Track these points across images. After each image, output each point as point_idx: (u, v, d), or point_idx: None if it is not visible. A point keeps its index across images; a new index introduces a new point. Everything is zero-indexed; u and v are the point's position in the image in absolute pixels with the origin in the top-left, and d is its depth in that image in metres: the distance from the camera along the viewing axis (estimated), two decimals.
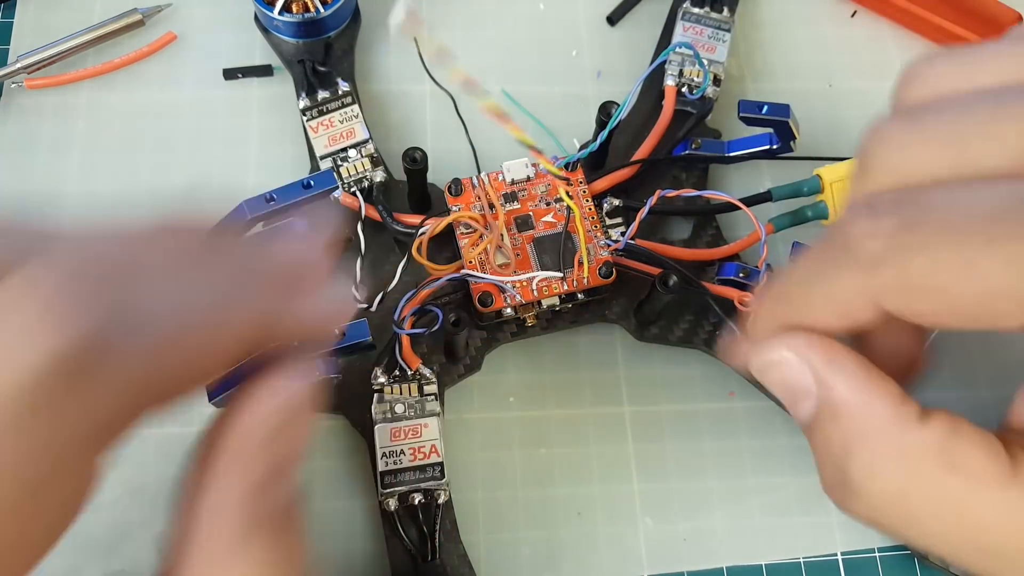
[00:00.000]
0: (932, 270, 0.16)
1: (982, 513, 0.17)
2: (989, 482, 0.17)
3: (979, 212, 0.16)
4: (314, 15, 0.35)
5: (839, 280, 0.17)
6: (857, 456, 0.18)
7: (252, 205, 0.28)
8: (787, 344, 0.19)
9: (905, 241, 0.16)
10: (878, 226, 0.16)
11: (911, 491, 0.18)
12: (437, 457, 0.29)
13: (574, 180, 0.32)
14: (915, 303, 0.16)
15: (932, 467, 0.17)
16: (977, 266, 0.15)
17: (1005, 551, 0.17)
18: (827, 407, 0.19)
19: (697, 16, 0.36)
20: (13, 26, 0.37)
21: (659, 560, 0.31)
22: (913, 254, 0.16)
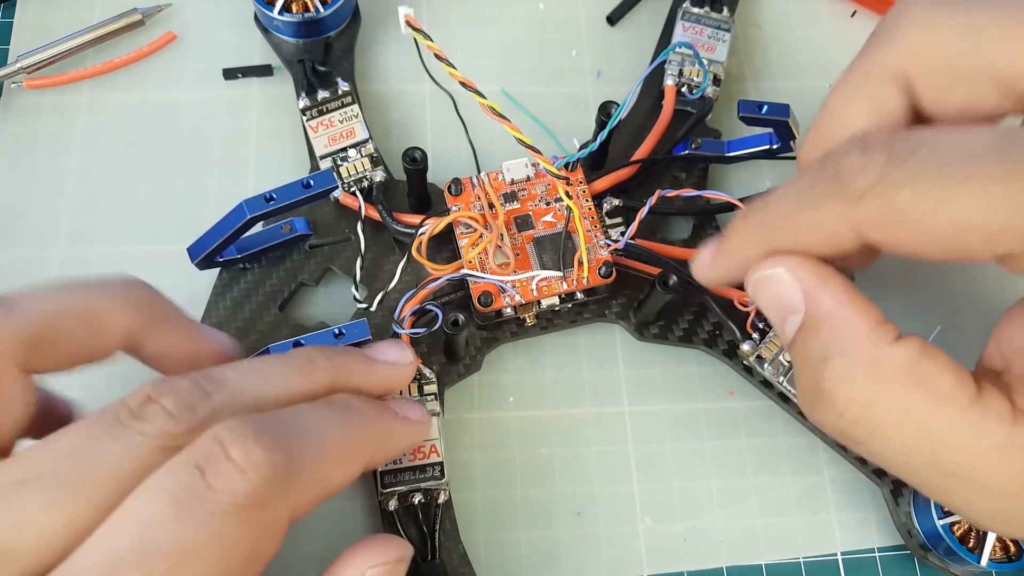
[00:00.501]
0: (912, 204, 0.17)
1: (941, 430, 0.18)
2: (952, 402, 0.18)
3: (959, 152, 0.17)
4: (314, 15, 0.35)
5: (827, 209, 0.19)
6: (831, 364, 0.19)
7: (252, 205, 0.28)
8: (781, 262, 0.20)
9: (891, 176, 0.17)
10: (868, 161, 0.18)
11: (878, 400, 0.19)
12: (437, 457, 0.29)
13: (574, 180, 0.32)
14: (895, 233, 0.18)
15: (900, 381, 0.19)
16: (952, 201, 0.17)
17: (957, 470, 0.18)
18: (811, 320, 0.20)
19: (697, 16, 0.36)
20: (13, 26, 0.37)
21: (659, 560, 0.31)
22: (897, 188, 0.17)
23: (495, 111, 0.26)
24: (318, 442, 0.20)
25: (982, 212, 0.16)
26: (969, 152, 0.17)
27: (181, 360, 0.24)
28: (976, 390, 0.19)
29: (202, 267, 0.31)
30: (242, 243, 0.32)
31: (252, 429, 0.19)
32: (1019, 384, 0.19)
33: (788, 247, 0.20)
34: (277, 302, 0.32)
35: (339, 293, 0.34)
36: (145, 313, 0.22)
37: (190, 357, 0.24)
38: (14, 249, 0.34)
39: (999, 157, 0.17)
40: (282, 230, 0.32)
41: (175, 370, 0.24)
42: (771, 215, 0.20)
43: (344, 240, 0.33)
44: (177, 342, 0.24)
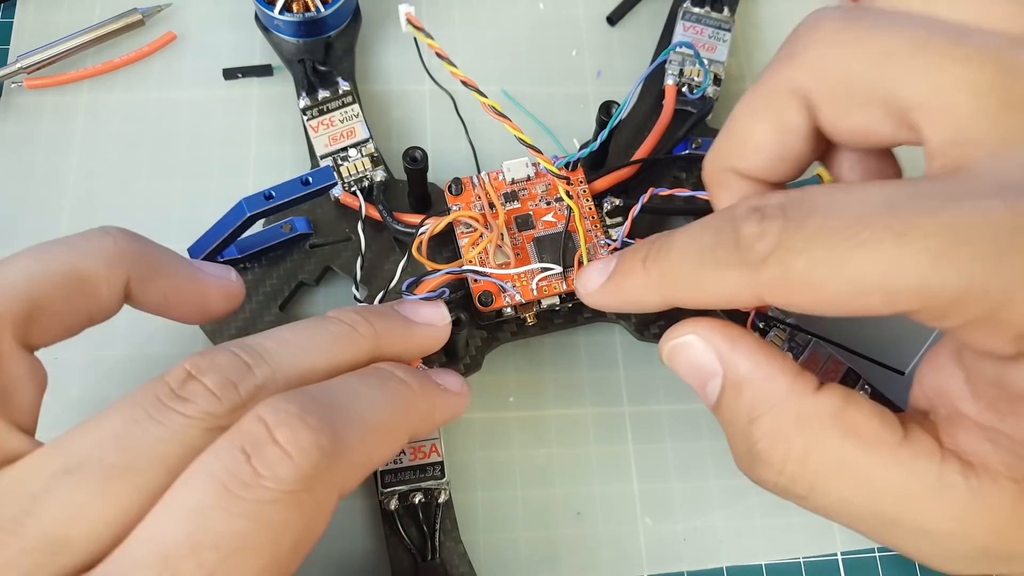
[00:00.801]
0: (809, 270, 0.17)
1: (876, 475, 0.19)
2: (882, 445, 0.19)
3: (850, 216, 0.17)
4: (314, 14, 0.35)
5: (727, 274, 0.19)
6: (760, 425, 0.20)
7: (251, 202, 0.28)
8: (691, 329, 0.21)
9: (787, 243, 0.18)
10: (765, 228, 0.18)
11: (812, 453, 0.19)
12: (437, 456, 0.29)
13: (574, 180, 0.32)
14: (796, 297, 0.18)
15: (829, 431, 0.19)
16: (846, 266, 0.17)
17: (897, 515, 0.19)
18: (731, 383, 0.20)
19: (697, 16, 0.36)
20: (13, 26, 0.37)
21: (659, 560, 0.31)
22: (794, 255, 0.18)
23: (496, 110, 0.26)
24: (364, 419, 0.20)
25: (875, 276, 0.17)
26: (859, 216, 0.17)
27: (186, 304, 0.24)
28: (903, 432, 0.19)
29: None
30: (242, 243, 0.32)
31: (297, 409, 0.18)
32: (944, 424, 0.19)
33: (686, 303, 0.21)
34: (278, 302, 0.32)
35: (339, 293, 0.34)
36: (138, 264, 0.22)
37: (195, 299, 0.24)
38: (14, 249, 0.33)
39: (885, 221, 0.17)
40: (282, 229, 0.32)
41: (182, 315, 0.24)
42: (672, 268, 0.21)
43: (344, 240, 0.33)
44: (178, 286, 0.23)
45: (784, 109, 0.21)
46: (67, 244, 0.21)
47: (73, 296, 0.20)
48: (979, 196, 0.17)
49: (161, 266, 0.22)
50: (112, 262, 0.21)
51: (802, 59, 0.20)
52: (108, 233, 0.22)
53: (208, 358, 0.19)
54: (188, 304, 0.24)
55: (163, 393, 0.18)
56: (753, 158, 0.22)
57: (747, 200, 0.19)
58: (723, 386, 0.21)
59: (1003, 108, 0.18)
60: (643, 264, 0.22)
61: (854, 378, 0.30)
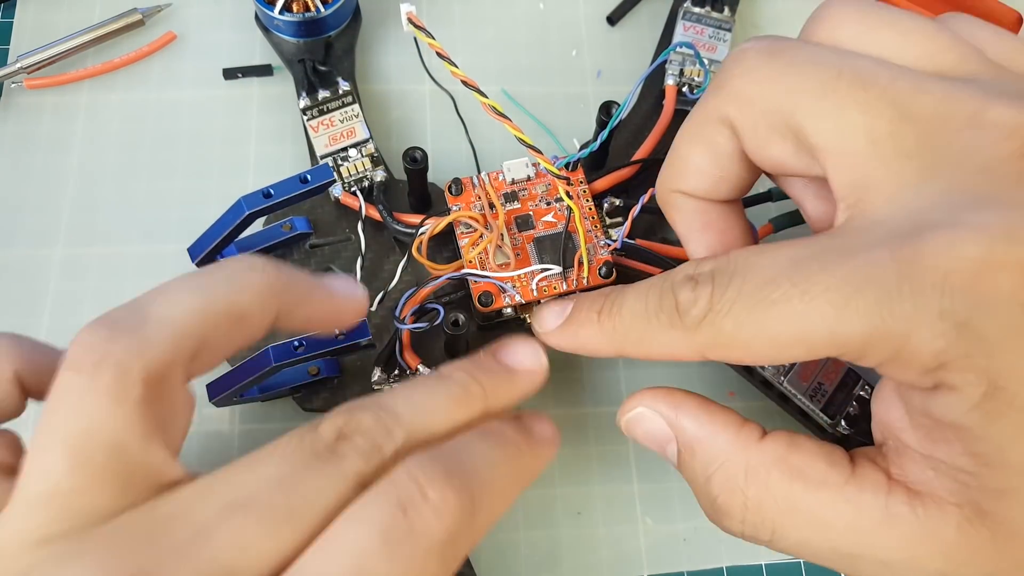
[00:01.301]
0: (736, 330, 0.19)
1: (827, 515, 0.20)
2: (828, 485, 0.20)
3: (764, 278, 0.19)
4: (314, 14, 0.35)
5: (670, 335, 0.21)
6: (715, 481, 0.22)
7: (250, 201, 0.28)
8: (639, 402, 0.23)
9: (715, 307, 0.20)
10: (698, 295, 0.20)
11: (764, 502, 0.21)
12: None
13: (574, 180, 0.32)
14: (729, 354, 0.20)
15: (776, 478, 0.21)
16: (765, 325, 0.19)
17: (854, 549, 0.20)
18: (684, 446, 0.23)
19: (698, 16, 0.36)
20: (13, 26, 0.37)
21: (659, 560, 0.31)
22: (722, 318, 0.20)
23: (496, 110, 0.26)
24: (491, 480, 0.21)
25: (791, 330, 0.18)
26: (771, 277, 0.19)
27: (323, 323, 0.25)
28: (850, 468, 0.20)
29: (203, 267, 0.31)
30: (242, 243, 0.32)
31: (442, 471, 0.19)
32: (893, 455, 0.20)
33: (636, 356, 0.23)
34: None
35: None
36: (285, 297, 0.23)
37: (331, 319, 0.25)
38: (14, 249, 0.34)
39: (792, 280, 0.18)
40: (282, 229, 0.32)
41: (317, 331, 0.26)
42: (623, 325, 0.23)
43: (344, 240, 0.33)
44: (318, 311, 0.24)
45: (715, 136, 0.22)
46: (225, 280, 0.22)
47: (232, 332, 0.21)
48: (871, 247, 0.18)
49: (303, 295, 0.23)
50: (265, 298, 0.22)
51: (727, 90, 0.22)
52: (257, 266, 0.22)
53: (355, 420, 0.20)
54: (325, 323, 0.25)
55: (319, 447, 0.20)
56: (694, 180, 0.24)
57: (684, 267, 0.21)
58: (678, 449, 0.23)
59: (896, 154, 0.19)
60: (597, 316, 0.23)
61: (854, 378, 0.30)
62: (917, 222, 0.18)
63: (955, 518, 0.19)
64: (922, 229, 0.18)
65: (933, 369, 0.17)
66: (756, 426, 0.22)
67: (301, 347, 0.27)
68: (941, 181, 0.18)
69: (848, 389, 0.30)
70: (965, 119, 0.18)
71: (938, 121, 0.19)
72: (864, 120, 0.19)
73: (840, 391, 0.30)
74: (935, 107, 0.19)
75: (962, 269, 0.17)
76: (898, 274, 0.17)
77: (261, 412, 0.32)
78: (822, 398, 0.30)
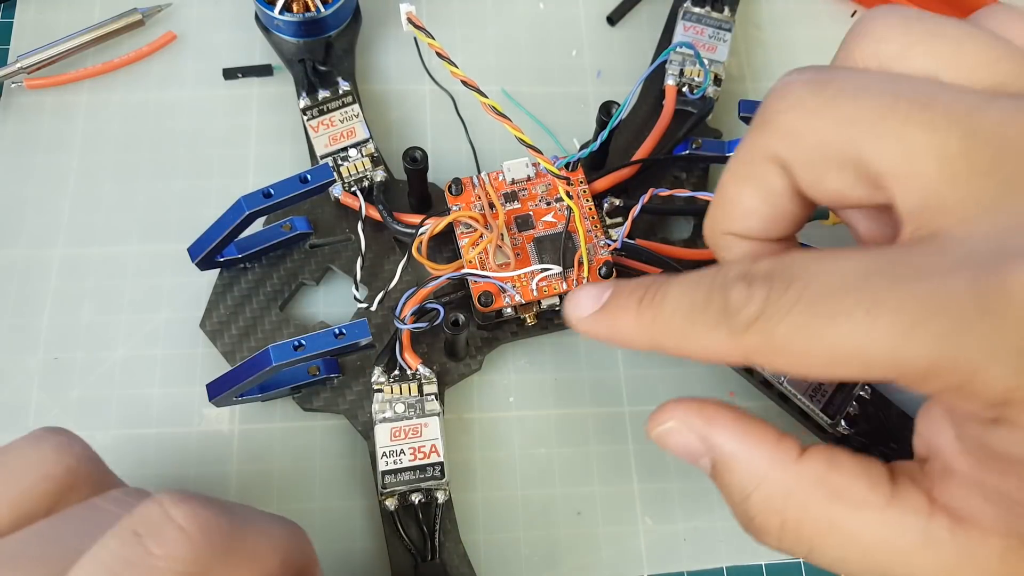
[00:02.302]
0: (790, 337, 0.18)
1: (865, 535, 0.20)
2: (869, 507, 0.20)
3: (828, 286, 0.18)
4: (315, 14, 0.35)
5: (715, 335, 0.20)
6: (752, 500, 0.21)
7: (250, 200, 0.28)
8: (671, 415, 0.22)
9: (770, 310, 0.19)
10: (751, 295, 0.19)
11: (803, 522, 0.20)
12: (437, 457, 0.29)
13: (574, 180, 0.32)
14: (777, 361, 0.19)
15: (816, 499, 0.20)
16: (823, 336, 0.18)
17: (889, 569, 0.19)
18: (719, 463, 0.22)
19: (698, 16, 0.36)
20: (13, 26, 0.37)
21: (659, 560, 0.31)
22: (776, 323, 0.19)
23: (496, 110, 0.26)
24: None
25: (850, 346, 0.18)
26: (837, 287, 0.18)
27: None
28: (891, 488, 0.20)
29: (203, 267, 0.31)
30: (242, 242, 0.32)
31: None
32: (938, 477, 0.20)
33: (673, 353, 0.22)
34: (278, 302, 0.32)
35: (340, 293, 0.34)
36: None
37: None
38: (14, 249, 0.34)
39: (859, 294, 0.18)
40: (282, 229, 0.32)
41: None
42: (664, 318, 0.22)
43: (344, 240, 0.33)
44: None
45: (765, 175, 0.22)
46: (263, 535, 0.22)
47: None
48: (947, 270, 0.17)
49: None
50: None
51: (775, 127, 0.21)
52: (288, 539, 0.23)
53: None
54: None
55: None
56: (745, 222, 0.23)
57: (738, 264, 0.20)
58: (712, 465, 0.22)
59: (970, 173, 0.18)
60: (638, 305, 0.22)
61: None
62: (997, 248, 0.17)
63: (999, 548, 0.18)
64: (1004, 256, 0.17)
65: (999, 404, 0.17)
66: (794, 441, 0.21)
67: (301, 347, 0.27)
68: (1020, 202, 0.17)
69: (848, 389, 0.30)
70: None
71: (1011, 139, 0.18)
72: (931, 139, 0.18)
73: (840, 391, 0.30)
74: (1006, 125, 0.18)
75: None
76: (976, 303, 0.16)
77: (261, 412, 0.32)
78: (822, 398, 0.30)
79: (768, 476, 0.21)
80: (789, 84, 0.21)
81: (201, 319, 0.32)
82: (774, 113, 0.21)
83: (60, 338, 0.33)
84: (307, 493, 0.31)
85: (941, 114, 0.18)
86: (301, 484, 0.31)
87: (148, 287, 0.33)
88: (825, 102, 0.20)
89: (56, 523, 0.20)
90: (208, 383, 0.29)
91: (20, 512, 0.20)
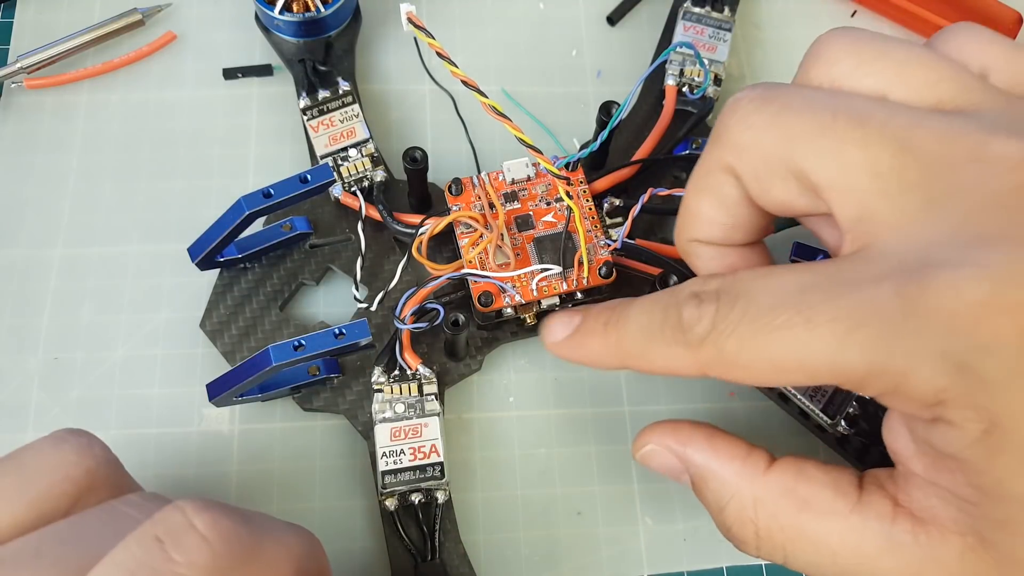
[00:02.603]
0: (738, 351, 0.20)
1: (833, 542, 0.21)
2: (834, 514, 0.21)
3: (769, 302, 0.19)
4: (315, 14, 0.35)
5: (673, 351, 0.21)
6: (727, 513, 0.22)
7: (250, 200, 0.28)
8: (648, 439, 0.24)
9: (719, 327, 0.20)
10: (702, 313, 0.20)
11: (775, 530, 0.21)
12: (437, 457, 0.29)
13: (574, 180, 0.32)
14: (730, 373, 0.20)
15: (784, 509, 0.21)
16: (768, 349, 0.19)
17: (859, 572, 0.20)
18: (696, 479, 0.23)
19: (698, 16, 0.36)
20: (13, 26, 0.37)
21: (659, 560, 0.31)
22: (725, 338, 0.20)
23: (496, 110, 0.26)
24: None
25: (793, 358, 0.19)
26: (776, 303, 0.19)
27: None
28: (857, 495, 0.21)
29: (203, 267, 0.31)
30: (242, 242, 0.32)
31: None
32: (902, 481, 0.20)
33: (640, 370, 0.23)
34: (278, 302, 0.32)
35: (340, 293, 0.34)
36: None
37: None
38: (14, 249, 0.34)
39: (797, 307, 0.19)
40: (282, 229, 0.32)
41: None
42: (627, 338, 0.23)
43: (344, 240, 0.33)
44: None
45: (720, 186, 0.23)
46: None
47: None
48: (876, 280, 0.18)
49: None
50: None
51: (725, 140, 0.22)
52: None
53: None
54: None
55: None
56: (708, 229, 0.24)
57: (690, 284, 0.22)
58: (691, 480, 0.23)
59: (900, 188, 0.19)
60: (603, 328, 0.24)
61: None
62: (922, 258, 0.18)
63: (958, 547, 0.19)
64: (927, 266, 0.18)
65: (933, 404, 0.18)
66: (763, 454, 0.22)
67: (301, 347, 0.27)
68: (946, 214, 0.18)
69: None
70: (967, 153, 0.18)
71: (940, 155, 0.19)
72: (864, 155, 0.19)
73: (840, 391, 0.30)
74: (936, 142, 0.19)
75: (965, 311, 0.17)
76: (902, 311, 0.17)
77: (261, 412, 0.32)
78: (822, 398, 0.30)
79: (739, 488, 0.22)
80: (739, 100, 0.22)
81: (201, 319, 0.32)
82: (724, 128, 0.22)
83: (60, 338, 0.33)
84: (307, 493, 0.31)
85: (875, 131, 0.19)
86: (301, 484, 0.31)
87: (148, 287, 0.33)
88: (769, 117, 0.21)
89: (74, 524, 0.20)
90: (208, 383, 0.29)
91: (39, 512, 0.20)
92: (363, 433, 0.31)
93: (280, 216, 0.33)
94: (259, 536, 0.20)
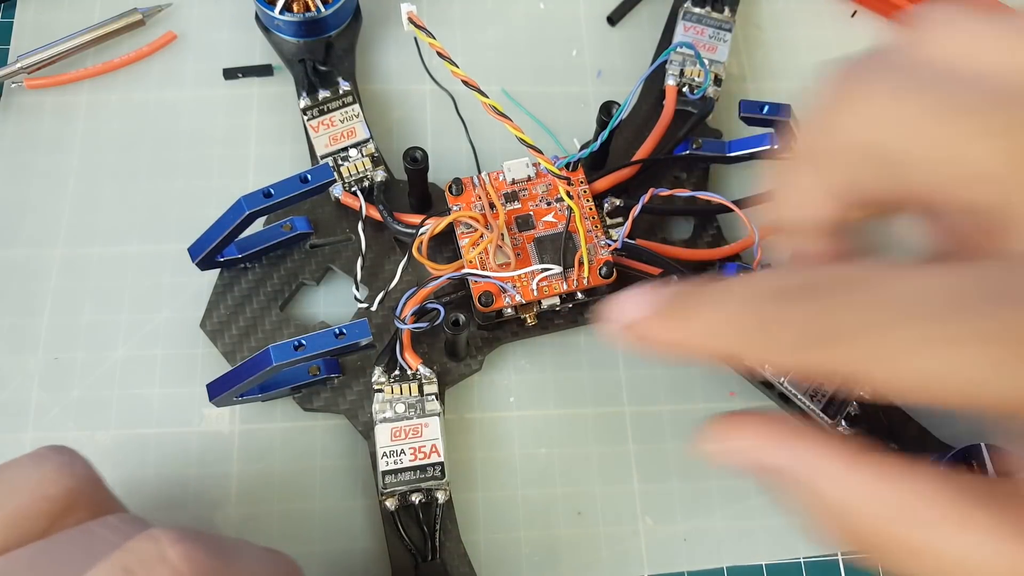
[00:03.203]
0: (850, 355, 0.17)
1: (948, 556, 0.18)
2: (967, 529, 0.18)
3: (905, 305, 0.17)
4: (315, 14, 0.35)
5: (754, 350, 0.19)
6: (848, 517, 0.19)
7: (250, 200, 0.28)
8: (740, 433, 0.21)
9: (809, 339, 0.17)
10: (790, 317, 0.18)
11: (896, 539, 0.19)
12: (438, 457, 0.29)
13: (575, 180, 0.32)
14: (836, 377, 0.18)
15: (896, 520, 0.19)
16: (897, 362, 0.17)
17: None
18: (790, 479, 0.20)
19: (698, 16, 0.36)
20: (13, 26, 0.37)
21: (659, 560, 0.31)
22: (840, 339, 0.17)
23: (497, 110, 0.26)
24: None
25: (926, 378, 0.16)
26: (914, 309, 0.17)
27: None
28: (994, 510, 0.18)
29: (203, 267, 0.31)
30: (243, 242, 0.32)
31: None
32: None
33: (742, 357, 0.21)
34: (278, 302, 0.32)
35: (340, 293, 0.34)
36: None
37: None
38: (14, 249, 0.34)
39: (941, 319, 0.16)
40: (282, 229, 0.32)
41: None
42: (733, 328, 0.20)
43: (345, 240, 0.33)
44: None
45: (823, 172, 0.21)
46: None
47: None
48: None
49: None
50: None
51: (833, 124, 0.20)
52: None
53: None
54: None
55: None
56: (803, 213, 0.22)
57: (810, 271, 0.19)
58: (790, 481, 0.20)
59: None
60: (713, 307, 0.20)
61: None
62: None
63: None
64: None
65: None
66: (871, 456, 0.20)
67: (301, 347, 0.27)
68: None
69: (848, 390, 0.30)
70: None
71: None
72: (999, 144, 0.17)
73: (840, 391, 0.30)
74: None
75: None
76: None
77: (261, 412, 0.32)
78: (822, 398, 0.30)
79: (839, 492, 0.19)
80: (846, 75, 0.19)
81: (201, 319, 0.32)
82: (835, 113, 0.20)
83: (60, 338, 0.33)
84: (307, 493, 0.31)
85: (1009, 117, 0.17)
86: (301, 484, 0.31)
87: (148, 287, 0.33)
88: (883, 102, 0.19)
89: (49, 547, 0.20)
90: (208, 383, 0.29)
91: (15, 532, 0.20)
92: (363, 433, 0.31)
93: (280, 216, 0.33)
94: (234, 569, 0.20)
